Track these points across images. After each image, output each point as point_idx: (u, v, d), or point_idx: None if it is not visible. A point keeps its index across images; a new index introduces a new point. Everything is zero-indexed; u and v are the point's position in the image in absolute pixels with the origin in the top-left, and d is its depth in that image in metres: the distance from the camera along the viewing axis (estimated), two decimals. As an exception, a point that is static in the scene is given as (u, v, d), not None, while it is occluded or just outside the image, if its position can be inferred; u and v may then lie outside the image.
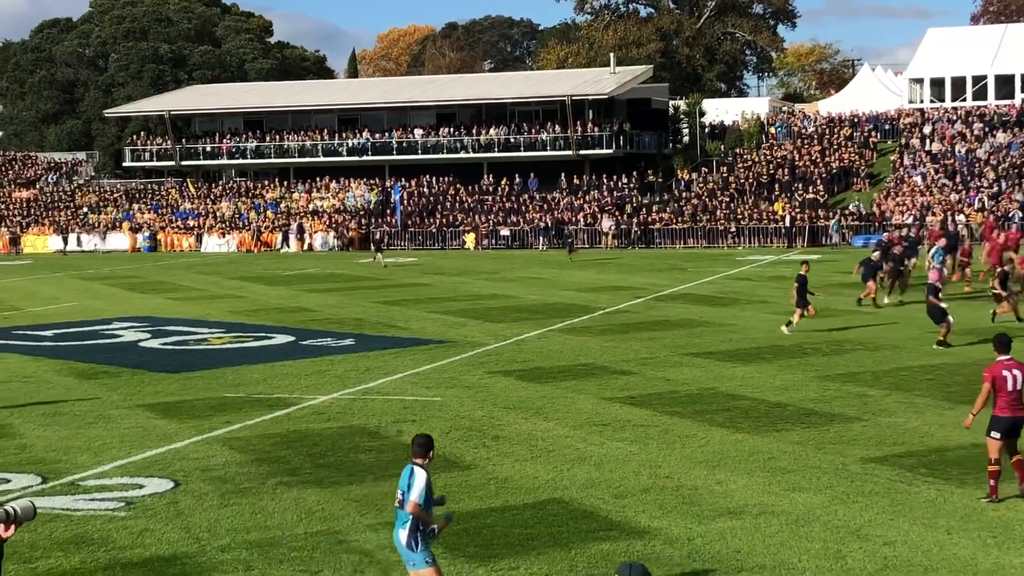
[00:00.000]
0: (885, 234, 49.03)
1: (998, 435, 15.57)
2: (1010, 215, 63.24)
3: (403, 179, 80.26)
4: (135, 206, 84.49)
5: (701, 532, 14.67)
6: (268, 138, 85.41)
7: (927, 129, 74.92)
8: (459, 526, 15.21)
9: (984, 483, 16.44)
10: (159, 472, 18.33)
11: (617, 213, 71.68)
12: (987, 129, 73.46)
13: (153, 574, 13.81)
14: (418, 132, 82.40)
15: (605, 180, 76.74)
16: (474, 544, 14.47)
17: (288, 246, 75.49)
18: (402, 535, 11.73)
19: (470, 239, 72.07)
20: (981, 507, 15.39)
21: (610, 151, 77.50)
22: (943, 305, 29.24)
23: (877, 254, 37.80)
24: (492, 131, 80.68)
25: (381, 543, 14.60)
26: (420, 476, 11.63)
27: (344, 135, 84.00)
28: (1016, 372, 15.72)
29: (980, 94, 78.76)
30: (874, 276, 37.17)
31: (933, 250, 37.39)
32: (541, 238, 70.80)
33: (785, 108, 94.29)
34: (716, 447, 19.05)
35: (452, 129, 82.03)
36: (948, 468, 17.37)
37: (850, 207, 67.81)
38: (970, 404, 21.68)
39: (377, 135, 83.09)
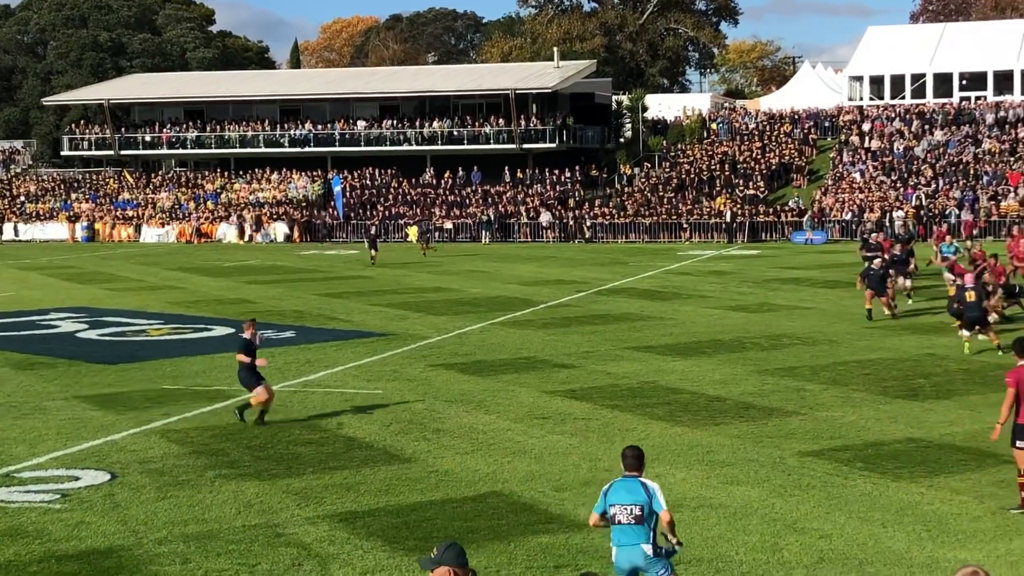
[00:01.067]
0: (873, 236, 45.69)
1: None
2: (946, 212, 64.02)
3: (345, 171, 79.93)
4: (73, 196, 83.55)
5: (640, 525, 14.72)
6: (209, 128, 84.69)
7: (866, 126, 75.65)
8: (399, 519, 15.21)
9: (919, 479, 16.66)
10: (96, 464, 18.17)
11: (559, 207, 71.82)
12: (925, 127, 74.30)
13: (89, 567, 13.68)
14: (361, 124, 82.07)
15: (548, 174, 76.87)
16: (414, 537, 14.45)
17: (265, 238, 75.05)
18: (647, 549, 11.19)
19: (412, 232, 71.92)
20: (916, 501, 15.57)
21: (553, 145, 77.62)
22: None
23: (878, 261, 33.99)
24: (435, 124, 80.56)
25: (320, 536, 14.56)
26: (658, 486, 11.40)
27: (286, 126, 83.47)
28: None
29: (919, 92, 79.62)
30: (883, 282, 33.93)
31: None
32: (484, 232, 70.81)
33: (727, 104, 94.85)
34: (655, 440, 19.15)
35: (395, 121, 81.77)
36: (884, 462, 17.56)
37: (790, 203, 68.34)
38: (906, 398, 22.03)
39: (319, 126, 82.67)
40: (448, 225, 72.23)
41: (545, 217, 70.17)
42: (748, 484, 16.52)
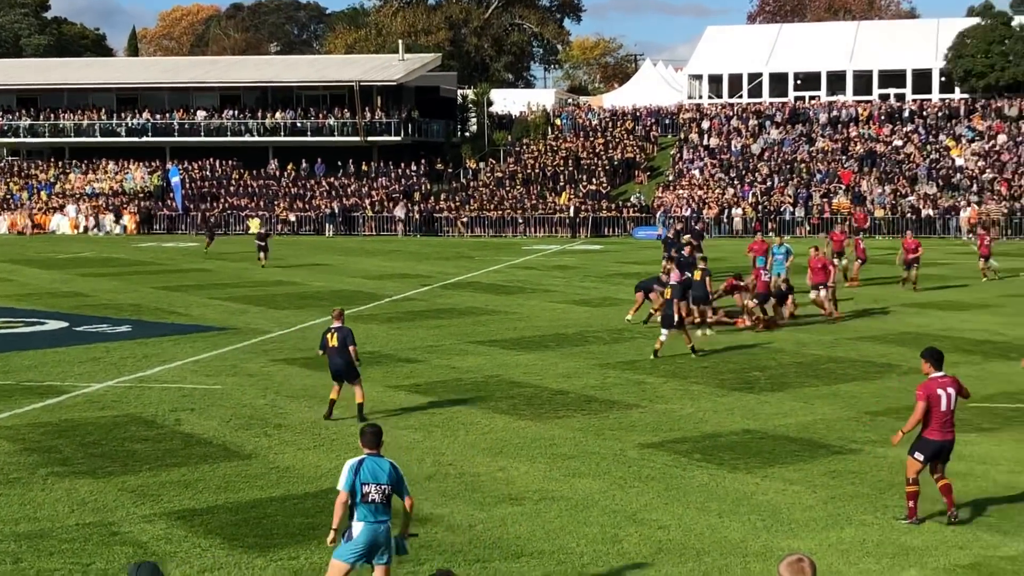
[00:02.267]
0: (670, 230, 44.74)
1: (922, 457, 14.54)
2: (781, 208, 65.64)
3: (185, 162, 78.50)
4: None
5: (483, 519, 14.79)
6: (43, 117, 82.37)
7: (705, 124, 77.11)
8: (238, 516, 15.01)
9: (754, 469, 17.03)
10: (-79, 463, 17.52)
11: (406, 201, 71.64)
12: (761, 125, 76.04)
13: (-87, 570, 13.19)
14: (201, 114, 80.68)
15: (393, 167, 76.62)
16: (254, 534, 14.27)
17: (101, 230, 73.12)
18: (390, 527, 11.46)
19: (254, 224, 70.92)
20: (751, 491, 15.92)
21: (398, 138, 77.39)
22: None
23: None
24: (278, 115, 79.61)
25: (156, 534, 14.28)
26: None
27: (123, 115, 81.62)
28: (951, 391, 14.56)
29: (755, 91, 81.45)
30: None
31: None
32: (328, 225, 70.25)
33: (570, 100, 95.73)
34: (499, 434, 19.24)
35: (236, 112, 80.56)
36: (721, 453, 17.91)
37: (632, 199, 69.29)
38: (743, 391, 22.52)
39: (158, 116, 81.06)
40: (291, 218, 71.46)
41: (400, 211, 69.74)
42: (590, 476, 16.70)
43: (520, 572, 12.96)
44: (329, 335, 20.52)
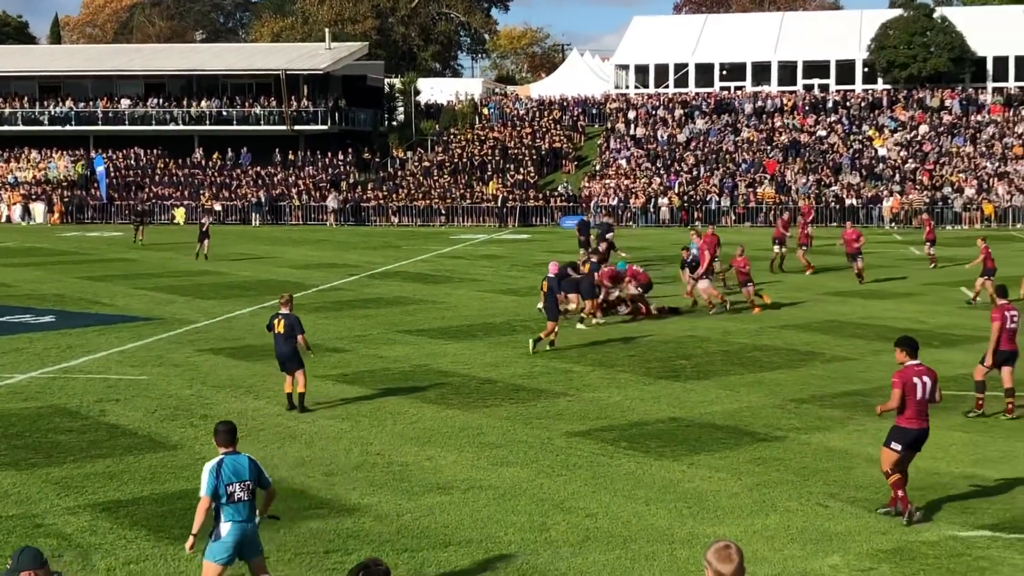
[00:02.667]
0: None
1: (900, 447, 14.30)
2: (707, 198, 66.14)
3: (110, 151, 77.53)
4: None
5: (410, 508, 14.80)
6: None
7: (632, 114, 77.47)
8: (164, 507, 14.90)
9: (680, 457, 17.16)
10: None
11: (334, 190, 71.30)
12: (687, 115, 76.53)
13: None
14: (125, 102, 79.70)
15: (320, 156, 76.21)
16: (179, 525, 14.15)
17: (3, 219, 71.93)
18: (256, 522, 11.37)
19: (180, 214, 70.34)
20: (677, 479, 16.06)
21: (325, 127, 76.97)
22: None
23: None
24: (204, 103, 78.86)
25: (81, 526, 14.15)
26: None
27: (46, 103, 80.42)
28: (926, 379, 14.35)
29: (681, 82, 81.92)
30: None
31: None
32: (255, 214, 69.75)
33: (498, 90, 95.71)
34: (427, 423, 19.25)
35: (161, 100, 79.71)
36: (647, 441, 18.05)
37: (559, 189, 69.47)
38: (669, 379, 22.70)
39: (81, 104, 79.97)
40: (217, 207, 70.87)
41: (332, 201, 69.23)
42: (517, 465, 16.76)
43: (448, 561, 12.99)
44: (276, 321, 20.33)
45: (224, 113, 78.52)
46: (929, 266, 41.82)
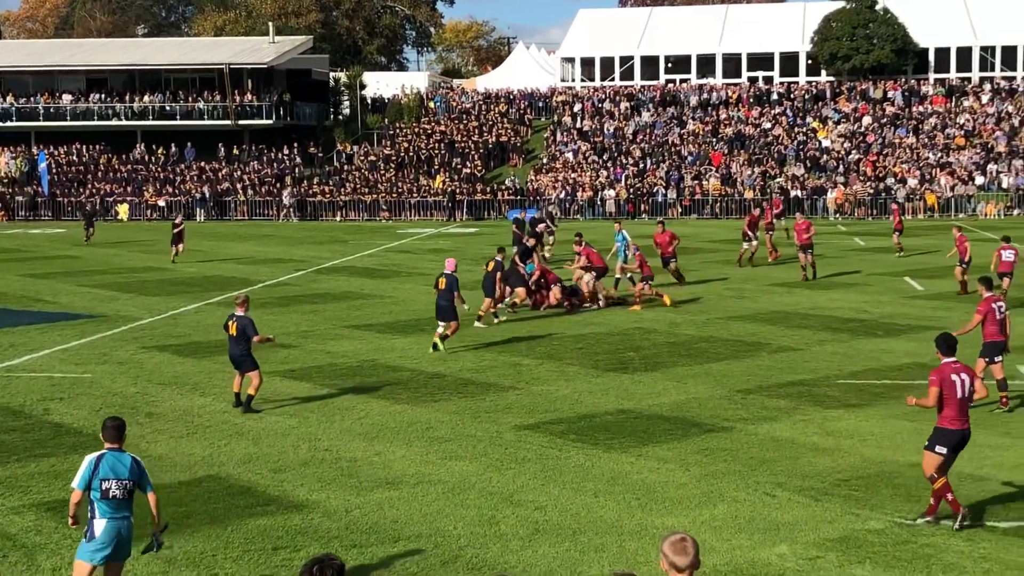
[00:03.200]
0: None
1: (944, 450, 13.72)
2: (654, 190, 66.37)
3: (51, 147, 76.70)
4: None
5: (359, 503, 14.75)
6: (-100, 100, 79.83)
7: (578, 107, 77.59)
8: (110, 506, 14.74)
9: (628, 448, 17.21)
10: None
11: (288, 186, 70.89)
12: (633, 108, 76.75)
13: None
14: (67, 98, 78.88)
15: (266, 151, 75.78)
16: (126, 524, 14.03)
17: None
18: (131, 520, 11.22)
19: (123, 210, 69.70)
20: (626, 471, 16.10)
21: (270, 122, 76.56)
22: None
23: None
24: (146, 98, 78.18)
25: (26, 526, 13.99)
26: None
27: (-14, 99, 79.46)
28: (964, 377, 13.81)
29: (627, 74, 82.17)
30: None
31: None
32: (199, 209, 69.24)
33: (444, 84, 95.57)
34: (375, 419, 19.19)
35: (103, 95, 78.94)
36: (596, 434, 18.09)
37: (506, 182, 69.47)
38: (617, 371, 22.75)
39: (22, 100, 79.05)
40: (161, 203, 70.28)
41: (287, 197, 68.55)
42: (466, 459, 16.75)
43: (397, 556, 12.96)
44: (230, 323, 20.10)
45: (167, 108, 77.89)
46: (896, 254, 42.50)
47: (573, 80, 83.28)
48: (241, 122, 76.77)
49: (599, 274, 31.65)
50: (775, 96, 76.18)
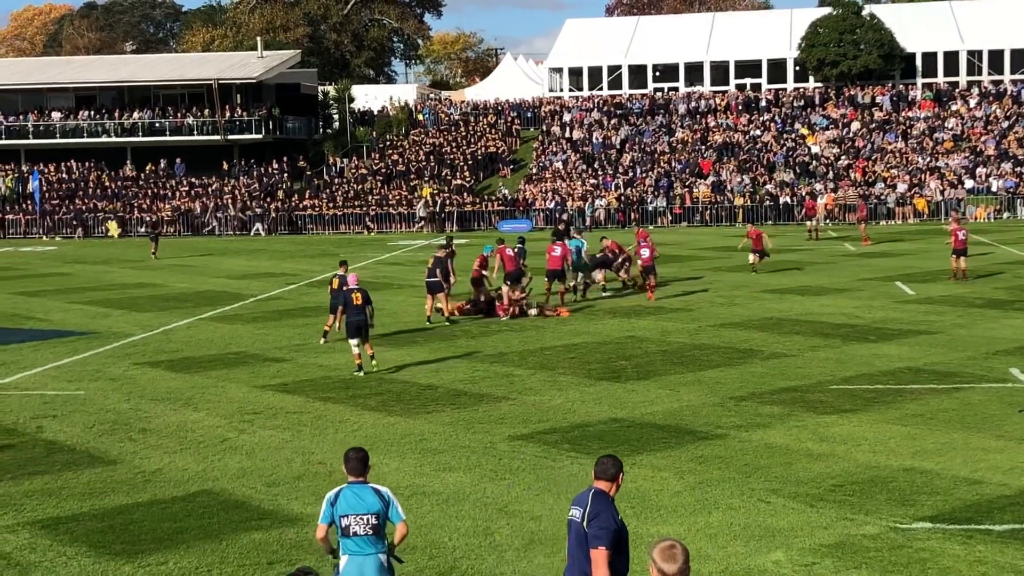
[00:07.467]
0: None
1: None
2: (644, 199, 66.41)
3: (42, 164, 76.65)
4: None
5: (354, 516, 14.71)
6: None
7: (566, 117, 77.69)
8: (104, 523, 14.74)
9: (622, 457, 17.22)
10: None
11: (267, 199, 70.91)
12: (622, 117, 76.85)
13: None
14: (56, 115, 78.85)
15: (255, 166, 75.78)
16: (120, 540, 14.02)
17: None
18: (383, 559, 10.46)
19: (113, 226, 69.65)
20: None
21: (259, 136, 76.57)
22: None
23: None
24: (136, 115, 78.17)
25: (20, 544, 13.96)
26: (392, 494, 10.66)
27: (-26, 118, 79.41)
28: None
29: (615, 84, 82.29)
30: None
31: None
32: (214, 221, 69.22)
33: (432, 95, 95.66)
34: (369, 431, 19.17)
35: (93, 112, 78.91)
36: (589, 443, 18.08)
37: (498, 193, 69.49)
38: (610, 380, 22.76)
39: (11, 118, 79.02)
40: (153, 218, 70.22)
41: (259, 219, 68.78)
42: (460, 470, 16.74)
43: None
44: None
45: (157, 124, 77.89)
46: (862, 244, 42.75)
47: (561, 90, 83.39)
48: (230, 137, 76.77)
49: (510, 279, 31.78)
50: (763, 103, 76.35)
